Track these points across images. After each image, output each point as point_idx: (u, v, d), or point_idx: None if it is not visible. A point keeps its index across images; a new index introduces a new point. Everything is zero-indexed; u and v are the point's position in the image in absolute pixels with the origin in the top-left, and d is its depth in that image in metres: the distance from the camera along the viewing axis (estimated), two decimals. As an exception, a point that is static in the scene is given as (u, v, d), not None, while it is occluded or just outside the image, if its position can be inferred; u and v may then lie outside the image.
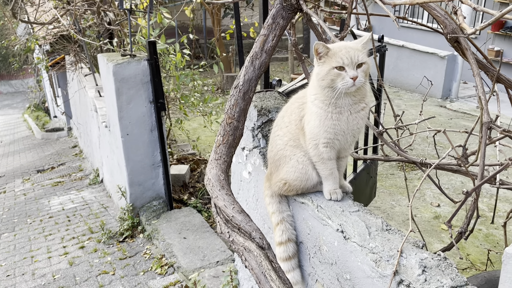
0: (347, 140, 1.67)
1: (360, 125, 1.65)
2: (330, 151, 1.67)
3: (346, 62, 1.52)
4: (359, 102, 1.62)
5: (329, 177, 1.71)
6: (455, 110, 9.53)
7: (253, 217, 2.26)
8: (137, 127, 4.27)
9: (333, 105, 1.59)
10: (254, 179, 2.18)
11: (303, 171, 1.74)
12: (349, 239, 1.53)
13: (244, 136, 2.18)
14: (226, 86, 11.27)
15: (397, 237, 1.51)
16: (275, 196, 1.88)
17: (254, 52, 2.00)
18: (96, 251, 4.31)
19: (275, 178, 1.84)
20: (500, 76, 1.74)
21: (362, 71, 1.53)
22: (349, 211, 1.65)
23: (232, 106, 1.89)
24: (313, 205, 1.72)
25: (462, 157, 1.87)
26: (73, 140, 11.48)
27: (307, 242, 1.79)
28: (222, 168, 1.66)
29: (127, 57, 4.11)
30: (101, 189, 6.75)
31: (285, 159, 1.79)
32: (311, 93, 1.67)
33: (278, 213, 1.86)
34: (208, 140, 7.96)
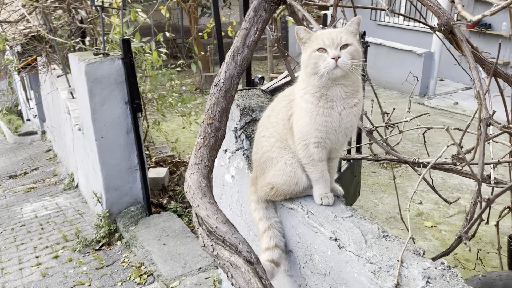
0: (339, 140, 1.55)
1: (352, 123, 1.53)
2: (321, 152, 1.55)
3: (327, 42, 1.43)
4: (352, 96, 1.50)
5: (319, 180, 1.59)
6: (433, 107, 9.59)
7: (237, 223, 2.12)
8: (112, 129, 4.07)
9: (324, 98, 1.48)
10: (238, 183, 2.04)
11: (292, 174, 1.61)
12: (343, 248, 1.41)
13: (226, 137, 2.04)
14: (205, 86, 11.09)
15: (396, 244, 1.39)
16: (261, 202, 1.75)
17: (235, 47, 1.87)
18: (71, 261, 4.09)
19: (261, 182, 1.71)
20: (497, 70, 1.65)
21: (347, 52, 1.43)
22: (342, 216, 1.52)
23: (213, 105, 1.74)
24: (303, 211, 1.59)
25: (457, 156, 1.77)
26: (47, 143, 11.10)
27: (297, 251, 1.66)
28: (204, 173, 1.52)
29: (100, 56, 3.91)
30: (77, 195, 6.50)
31: (272, 162, 1.66)
32: (300, 88, 1.55)
33: (265, 219, 1.73)
34: (188, 142, 7.77)
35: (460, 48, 1.62)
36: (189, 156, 6.50)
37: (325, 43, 1.43)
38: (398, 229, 5.31)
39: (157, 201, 4.82)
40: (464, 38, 1.57)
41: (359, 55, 1.46)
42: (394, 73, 10.32)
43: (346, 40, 1.43)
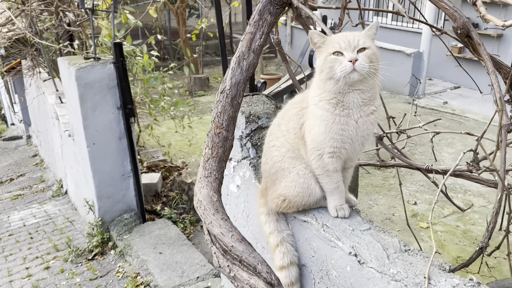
0: (355, 149, 1.48)
1: (369, 131, 1.46)
2: (336, 162, 1.48)
3: (343, 45, 1.37)
4: (369, 103, 1.43)
5: (334, 192, 1.51)
6: (423, 106, 9.63)
7: (244, 235, 2.04)
8: (104, 135, 3.95)
9: (341, 105, 1.42)
10: (244, 193, 1.96)
11: (305, 186, 1.54)
12: (364, 264, 1.34)
13: (231, 145, 1.97)
14: (194, 88, 10.97)
15: (419, 259, 1.33)
16: (272, 214, 1.67)
17: (240, 52, 1.79)
18: (63, 272, 3.96)
19: (272, 194, 1.63)
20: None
21: (365, 55, 1.37)
22: (360, 229, 1.46)
23: (219, 113, 1.66)
24: (318, 224, 1.52)
25: (473, 162, 1.72)
26: (33, 148, 10.86)
27: (311, 265, 1.58)
28: (214, 186, 1.43)
29: (91, 60, 3.79)
30: (66, 201, 6.33)
31: (283, 172, 1.58)
32: (315, 95, 1.47)
33: (277, 233, 1.65)
34: (179, 145, 7.65)
35: (477, 52, 1.57)
36: (181, 160, 6.40)
37: (341, 46, 1.37)
38: (394, 231, 5.28)
39: (150, 208, 4.71)
40: (482, 42, 1.51)
41: (377, 60, 1.40)
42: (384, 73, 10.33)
43: (363, 44, 1.37)
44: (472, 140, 7.87)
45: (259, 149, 1.90)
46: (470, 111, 8.98)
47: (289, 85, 2.58)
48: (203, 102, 10.48)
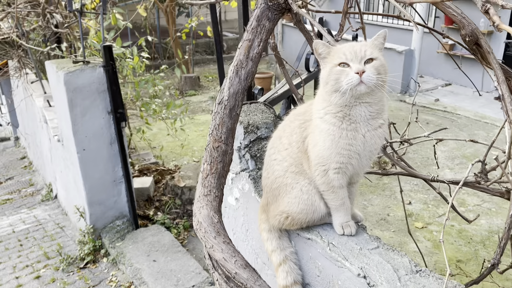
0: (362, 164, 1.41)
1: (377, 145, 1.40)
2: (342, 178, 1.41)
3: (349, 56, 1.31)
4: (376, 116, 1.37)
5: (340, 208, 1.45)
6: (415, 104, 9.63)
7: (243, 249, 1.96)
8: (94, 141, 3.85)
9: (347, 119, 1.35)
10: (243, 206, 1.89)
11: (309, 202, 1.47)
12: (375, 287, 1.27)
13: (229, 157, 1.89)
14: (185, 87, 10.85)
15: (432, 281, 1.26)
16: (273, 231, 1.60)
17: (238, 60, 1.71)
18: (54, 281, 3.86)
19: (274, 210, 1.55)
20: (525, 83, 1.53)
21: (372, 67, 1.30)
22: (368, 248, 1.39)
23: (217, 126, 1.58)
24: (323, 242, 1.45)
25: (481, 173, 1.66)
26: (21, 150, 10.66)
27: (316, 285, 1.52)
28: (214, 206, 1.36)
29: (80, 64, 3.68)
30: (56, 206, 6.20)
31: (285, 188, 1.51)
32: (320, 108, 1.40)
33: (280, 250, 1.58)
34: (170, 146, 7.55)
35: (485, 60, 1.51)
36: (174, 162, 6.30)
37: (347, 57, 1.31)
38: (389, 231, 5.26)
39: (143, 213, 4.62)
40: (491, 50, 1.45)
41: (385, 71, 1.33)
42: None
43: (371, 54, 1.31)
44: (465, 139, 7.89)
45: (258, 160, 1.83)
46: (461, 108, 9.00)
47: (286, 91, 2.51)
48: (194, 102, 10.38)
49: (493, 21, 1.22)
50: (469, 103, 9.09)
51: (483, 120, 8.44)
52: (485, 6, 1.26)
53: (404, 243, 5.06)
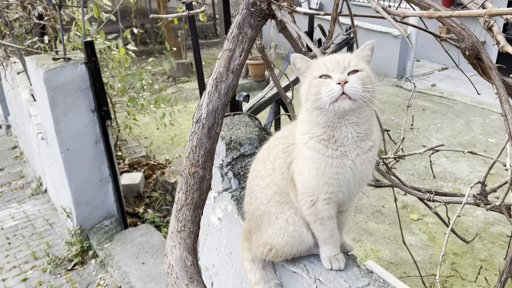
0: (352, 191, 1.28)
1: (368, 171, 1.26)
2: (332, 208, 1.28)
3: (330, 67, 1.16)
4: (365, 138, 1.22)
5: (328, 241, 1.33)
6: (411, 89, 9.47)
7: (227, 272, 1.85)
8: (78, 140, 3.71)
9: (333, 142, 1.20)
10: (226, 227, 1.77)
11: (296, 234, 1.35)
12: (363, 333, 1.16)
13: (210, 174, 1.77)
14: (177, 74, 10.64)
15: (426, 327, 1.15)
16: (257, 261, 1.48)
17: (217, 73, 1.56)
18: (41, 285, 3.77)
19: (257, 240, 1.44)
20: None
21: (357, 77, 1.14)
22: (358, 286, 1.28)
23: (194, 148, 1.45)
24: (310, 278, 1.34)
25: (480, 195, 1.54)
26: (13, 139, 10.48)
27: (303, 321, 1.41)
28: (188, 244, 1.24)
29: (60, 60, 3.51)
30: (46, 200, 6.09)
31: (269, 217, 1.39)
32: (303, 131, 1.26)
33: (263, 283, 1.47)
34: (162, 137, 7.40)
35: (487, 75, 1.37)
36: (164, 156, 6.16)
37: (328, 68, 1.16)
38: (384, 224, 5.19)
39: (132, 210, 4.51)
40: (493, 65, 1.32)
41: (373, 84, 1.17)
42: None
43: (355, 65, 1.16)
44: (461, 125, 7.76)
45: (242, 179, 1.70)
46: (458, 94, 8.87)
47: (274, 94, 2.36)
48: (187, 89, 10.19)
49: (497, 41, 1.08)
50: (465, 88, 8.95)
51: (479, 105, 8.32)
52: (488, 22, 1.12)
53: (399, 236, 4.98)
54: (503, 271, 1.31)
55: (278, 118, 2.43)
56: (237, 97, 2.02)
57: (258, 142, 1.73)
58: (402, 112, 8.11)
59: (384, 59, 9.87)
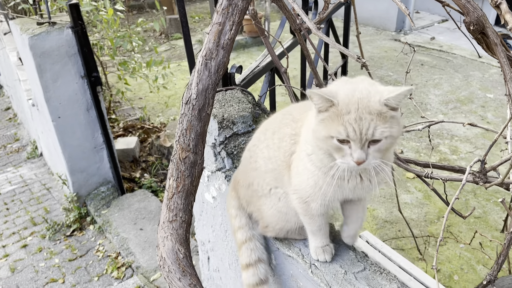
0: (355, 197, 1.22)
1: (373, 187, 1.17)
2: (324, 209, 1.24)
3: (351, 135, 1.01)
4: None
5: (317, 233, 1.30)
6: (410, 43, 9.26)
7: (222, 249, 1.85)
8: (69, 107, 3.62)
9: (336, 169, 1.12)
10: (221, 206, 1.74)
11: (287, 217, 1.33)
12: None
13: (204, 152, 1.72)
14: (170, 30, 10.33)
15: (422, 314, 1.15)
16: (243, 210, 1.46)
17: (207, 49, 1.48)
18: (41, 251, 3.81)
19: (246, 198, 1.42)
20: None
21: (377, 150, 1.03)
22: (354, 272, 1.26)
23: (185, 131, 1.39)
24: (304, 263, 1.32)
25: (480, 173, 1.51)
26: (6, 100, 10.32)
27: (298, 303, 1.41)
28: (180, 235, 1.21)
29: (45, 25, 3.36)
30: (42, 164, 6.06)
31: (263, 188, 1.36)
32: (306, 143, 1.19)
33: (248, 229, 1.45)
34: (157, 97, 7.28)
35: (491, 51, 1.29)
36: (159, 118, 6.08)
37: (349, 134, 1.01)
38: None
39: (129, 175, 4.50)
40: (499, 41, 1.24)
41: (394, 143, 1.07)
42: (369, 8, 9.83)
43: (380, 134, 1.01)
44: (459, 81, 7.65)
45: (235, 158, 1.66)
46: (457, 47, 8.68)
47: (268, 63, 2.27)
48: (180, 46, 9.92)
49: (505, 21, 1.00)
50: (465, 41, 8.74)
51: (478, 59, 8.16)
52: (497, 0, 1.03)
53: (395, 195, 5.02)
54: (500, 253, 1.30)
55: (273, 89, 2.35)
56: (229, 70, 1.93)
57: (251, 120, 1.67)
58: (400, 67, 7.95)
59: (383, 11, 9.58)
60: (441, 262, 3.80)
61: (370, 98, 1.01)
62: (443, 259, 3.82)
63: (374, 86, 1.06)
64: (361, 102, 1.01)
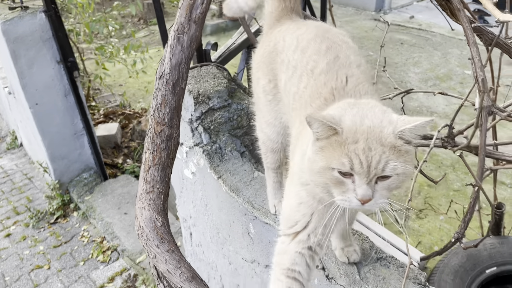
0: None
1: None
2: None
3: (357, 168, 0.87)
4: None
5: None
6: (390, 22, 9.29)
7: (204, 224, 1.88)
8: (46, 94, 3.58)
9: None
10: (200, 181, 1.77)
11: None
12: (333, 280, 1.21)
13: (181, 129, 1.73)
14: (148, 15, 10.18)
15: (393, 271, 1.20)
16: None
17: (179, 23, 1.48)
18: (25, 239, 3.79)
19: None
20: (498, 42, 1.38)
21: (386, 188, 0.90)
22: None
23: (159, 105, 1.41)
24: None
25: (448, 138, 1.56)
26: (-18, 92, 10.12)
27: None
28: (157, 205, 1.23)
29: (18, 10, 3.29)
30: (22, 155, 5.98)
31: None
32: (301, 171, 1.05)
33: None
34: (137, 83, 7.21)
35: (455, 17, 1.33)
36: (140, 104, 6.04)
37: (354, 166, 0.86)
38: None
39: (111, 161, 4.48)
40: (462, 7, 1.27)
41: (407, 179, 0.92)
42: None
43: (392, 170, 0.87)
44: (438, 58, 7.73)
45: (212, 133, 1.68)
46: (436, 25, 8.76)
47: (244, 40, 2.28)
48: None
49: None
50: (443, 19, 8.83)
51: (457, 37, 8.26)
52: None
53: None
54: (467, 211, 1.35)
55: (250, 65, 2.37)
56: (204, 46, 1.94)
57: (227, 94, 1.69)
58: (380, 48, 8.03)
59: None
60: (422, 235, 3.90)
61: (383, 129, 0.87)
62: (423, 232, 3.92)
63: (386, 114, 0.91)
64: (372, 132, 0.87)
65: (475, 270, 1.93)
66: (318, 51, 1.15)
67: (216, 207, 1.69)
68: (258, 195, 1.50)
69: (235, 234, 1.62)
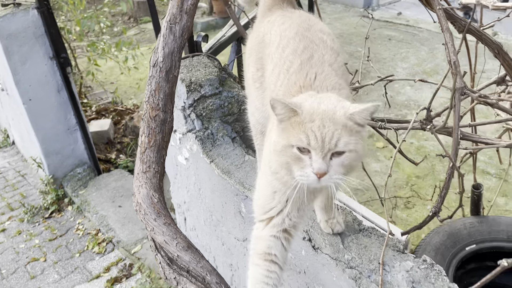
0: None
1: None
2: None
3: (313, 143, 0.97)
4: None
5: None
6: (378, 19, 9.44)
7: (197, 207, 1.96)
8: (40, 90, 3.63)
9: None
10: (193, 166, 1.85)
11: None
12: (319, 250, 1.30)
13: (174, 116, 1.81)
14: (139, 13, 10.21)
15: (374, 240, 1.30)
16: None
17: (171, 14, 1.57)
18: (20, 234, 3.84)
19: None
20: (470, 28, 1.48)
21: (341, 165, 0.99)
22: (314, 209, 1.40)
23: (153, 91, 1.49)
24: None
25: (426, 120, 1.66)
26: (-29, 92, 10.07)
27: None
28: (154, 183, 1.31)
29: (10, 6, 3.34)
30: (15, 152, 6.01)
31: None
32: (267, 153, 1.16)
33: None
34: (129, 80, 7.26)
35: (430, 5, 1.43)
36: (132, 100, 6.09)
37: (311, 142, 0.97)
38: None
39: (104, 157, 4.54)
40: (436, -6, 1.37)
41: (360, 158, 1.03)
42: (337, -15, 9.94)
43: (344, 146, 0.97)
44: (425, 53, 7.86)
45: (204, 119, 1.76)
46: (423, 21, 8.90)
47: (234, 33, 2.36)
48: (150, 29, 9.83)
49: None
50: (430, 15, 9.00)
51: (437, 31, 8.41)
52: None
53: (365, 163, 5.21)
54: (443, 186, 1.45)
55: (239, 57, 2.45)
56: (195, 38, 2.02)
57: (218, 82, 1.77)
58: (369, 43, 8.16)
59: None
60: (409, 224, 4.00)
61: (336, 111, 0.99)
62: (411, 221, 4.03)
63: (341, 102, 1.02)
64: (326, 113, 0.98)
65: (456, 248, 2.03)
66: (295, 51, 1.25)
67: (209, 190, 1.77)
68: (249, 176, 1.59)
69: (228, 215, 1.70)
